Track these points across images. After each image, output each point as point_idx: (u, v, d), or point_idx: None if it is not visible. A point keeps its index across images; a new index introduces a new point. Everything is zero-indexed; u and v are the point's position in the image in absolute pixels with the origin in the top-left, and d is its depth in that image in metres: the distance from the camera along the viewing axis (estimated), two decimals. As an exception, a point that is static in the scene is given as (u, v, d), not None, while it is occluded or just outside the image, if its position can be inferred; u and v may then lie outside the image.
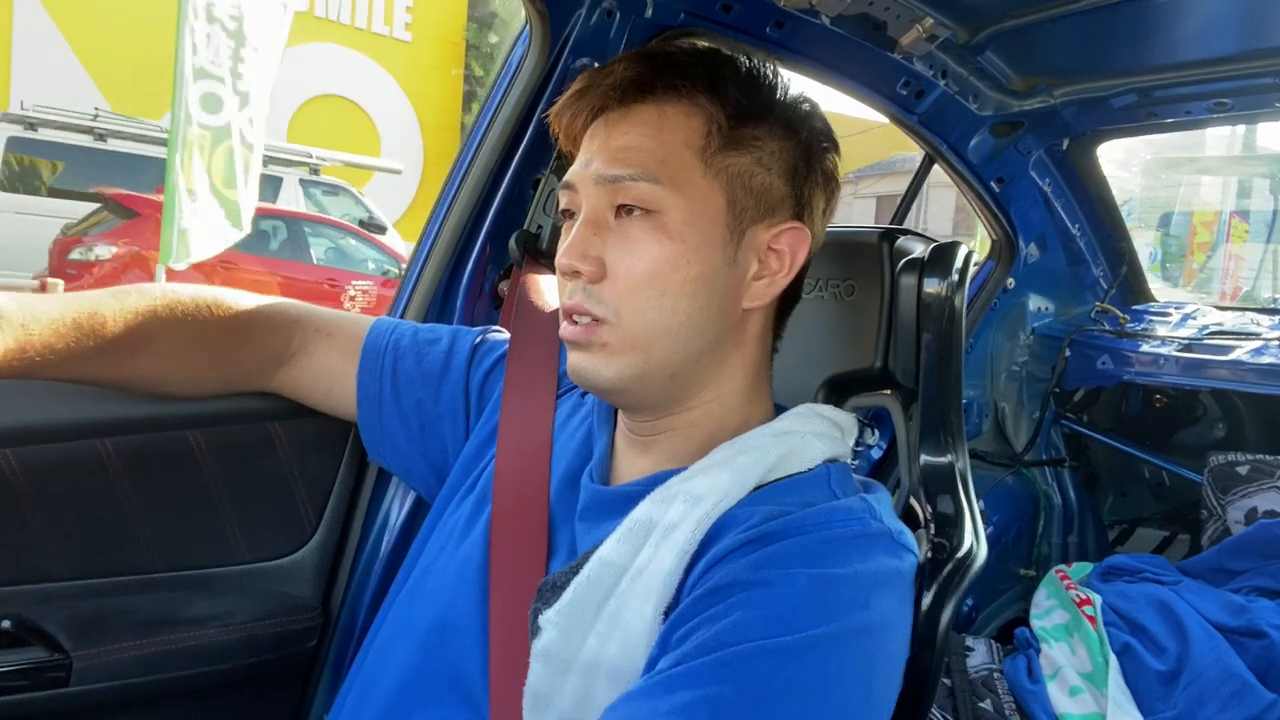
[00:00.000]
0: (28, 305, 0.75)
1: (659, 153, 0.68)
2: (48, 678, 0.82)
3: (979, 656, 1.74)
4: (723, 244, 0.68)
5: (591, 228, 0.68)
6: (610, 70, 0.71)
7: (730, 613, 0.58)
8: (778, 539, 0.62)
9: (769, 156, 0.70)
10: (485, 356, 0.91)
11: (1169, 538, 2.34)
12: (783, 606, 0.58)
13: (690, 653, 0.57)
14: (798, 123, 0.72)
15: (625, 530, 0.66)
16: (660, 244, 0.67)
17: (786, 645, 0.56)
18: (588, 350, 0.69)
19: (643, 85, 0.69)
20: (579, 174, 0.70)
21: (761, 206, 0.70)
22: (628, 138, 0.69)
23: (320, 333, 0.92)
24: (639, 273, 0.67)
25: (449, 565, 0.77)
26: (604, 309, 0.67)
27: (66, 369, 0.78)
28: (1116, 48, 1.40)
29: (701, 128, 0.69)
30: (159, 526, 0.93)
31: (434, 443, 0.90)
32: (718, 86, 0.70)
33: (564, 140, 0.75)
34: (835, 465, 0.72)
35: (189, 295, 0.86)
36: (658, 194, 0.67)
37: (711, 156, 0.69)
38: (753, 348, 0.74)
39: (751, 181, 0.70)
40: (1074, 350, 2.13)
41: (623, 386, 0.69)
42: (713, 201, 0.68)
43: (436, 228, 1.13)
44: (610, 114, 0.71)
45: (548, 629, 0.65)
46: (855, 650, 0.58)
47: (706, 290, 0.68)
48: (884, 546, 0.64)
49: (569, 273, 0.68)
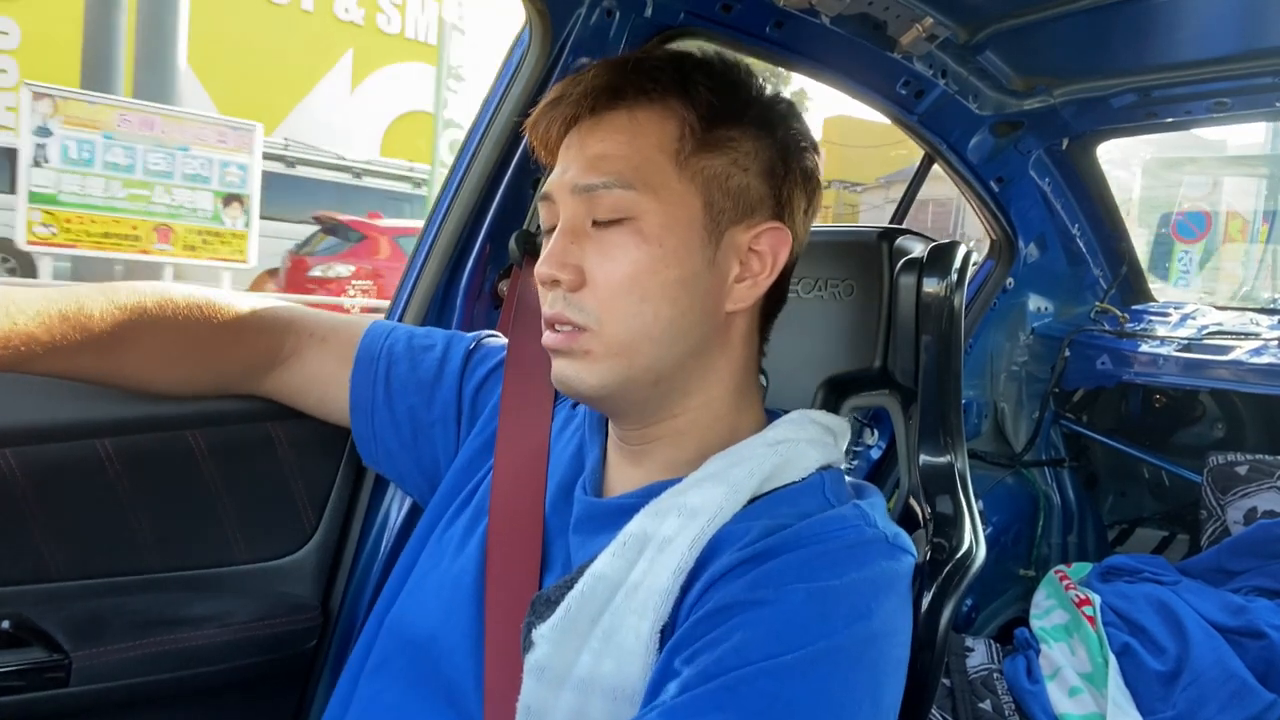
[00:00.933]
0: (12, 296, 0.74)
1: (633, 158, 0.67)
2: (47, 678, 0.82)
3: (978, 657, 1.74)
4: (701, 247, 0.68)
5: (569, 236, 0.68)
6: (581, 79, 0.70)
7: (731, 635, 0.57)
8: (774, 555, 0.61)
9: (745, 157, 0.70)
10: (480, 364, 0.90)
11: (1168, 538, 2.34)
12: (782, 624, 0.57)
13: (693, 680, 0.56)
14: (774, 122, 0.71)
15: (619, 544, 0.66)
16: (638, 249, 0.66)
17: (789, 664, 0.55)
18: (570, 357, 0.68)
19: (614, 91, 0.69)
20: (555, 183, 0.70)
21: (740, 208, 0.69)
22: (602, 145, 0.68)
23: (314, 337, 0.91)
24: (618, 279, 0.66)
25: (444, 579, 0.76)
26: (585, 316, 0.67)
27: (50, 362, 0.77)
28: (1116, 47, 1.40)
29: (674, 131, 0.68)
30: (159, 526, 0.93)
31: (426, 450, 0.90)
32: (689, 89, 0.69)
33: (542, 152, 0.75)
34: (829, 473, 0.71)
35: (181, 294, 0.85)
36: (633, 200, 0.66)
37: (686, 159, 0.68)
38: (738, 352, 0.73)
39: (728, 183, 0.69)
40: (1074, 350, 2.13)
41: (606, 393, 0.69)
42: (689, 204, 0.68)
43: (436, 227, 1.13)
44: (584, 123, 0.70)
45: (541, 644, 0.65)
46: (860, 660, 0.58)
47: (688, 294, 0.67)
48: (880, 551, 0.63)
49: (548, 282, 0.68)
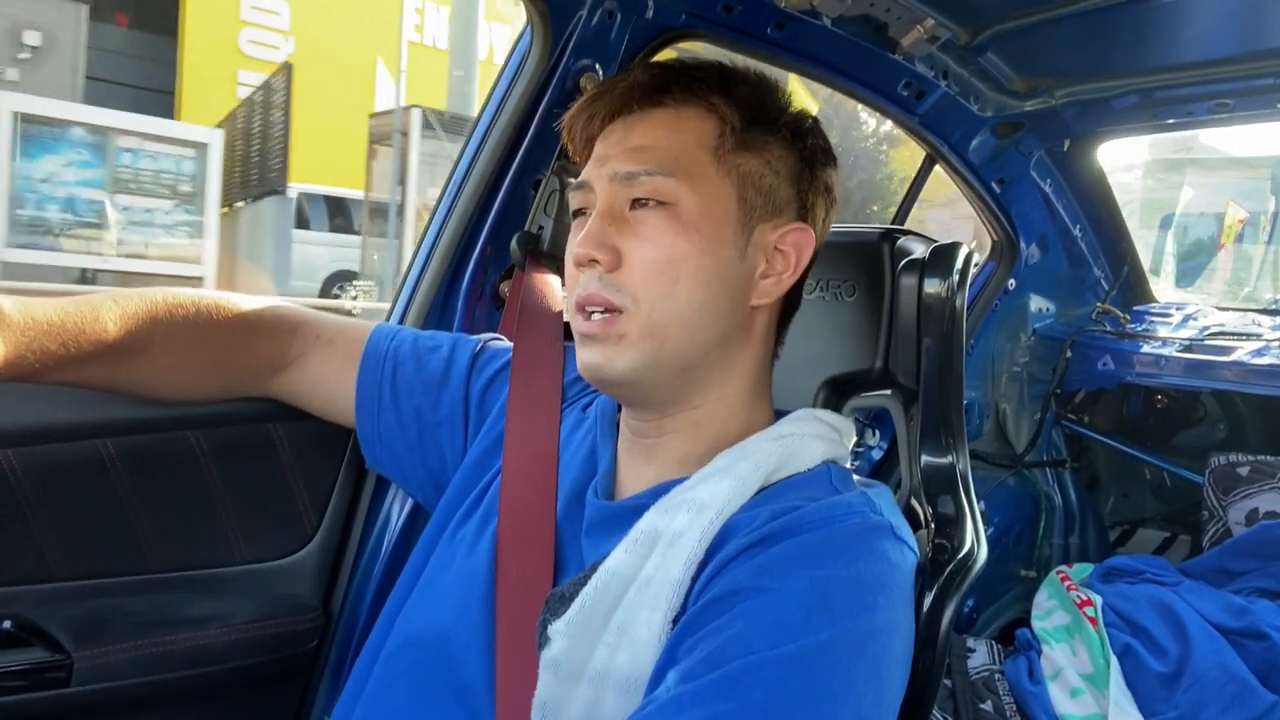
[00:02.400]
0: (27, 308, 0.74)
1: (674, 150, 0.70)
2: (48, 678, 0.82)
3: (980, 658, 1.74)
4: (733, 239, 0.71)
5: (608, 219, 0.70)
6: (624, 77, 0.75)
7: (734, 624, 0.58)
8: (779, 540, 0.61)
9: (777, 161, 0.73)
10: (486, 365, 0.90)
11: (1170, 539, 2.34)
12: (786, 613, 0.57)
13: (697, 668, 0.56)
14: (803, 134, 0.75)
15: (631, 541, 0.67)
16: (675, 234, 0.69)
17: (792, 654, 0.56)
18: (603, 344, 0.69)
19: (659, 88, 0.73)
20: (594, 172, 0.73)
21: (770, 206, 0.73)
22: (644, 138, 0.71)
23: (320, 339, 0.92)
24: (654, 260, 0.68)
25: (454, 579, 0.77)
26: (621, 297, 0.68)
27: (64, 373, 0.78)
28: (1117, 49, 1.40)
29: (714, 129, 0.72)
30: (160, 527, 0.93)
31: (432, 451, 0.90)
32: (731, 91, 0.73)
33: (574, 146, 0.77)
34: (835, 466, 0.72)
35: (189, 299, 0.85)
36: (672, 187, 0.69)
37: (724, 156, 0.71)
38: (757, 348, 0.75)
39: (760, 182, 0.72)
40: (1075, 351, 2.13)
41: (636, 378, 0.70)
42: (725, 197, 0.71)
43: (437, 229, 1.13)
44: (627, 117, 0.73)
45: (556, 639, 0.65)
46: (863, 652, 0.58)
47: (719, 281, 0.70)
48: (885, 539, 0.64)
49: (584, 262, 0.70)
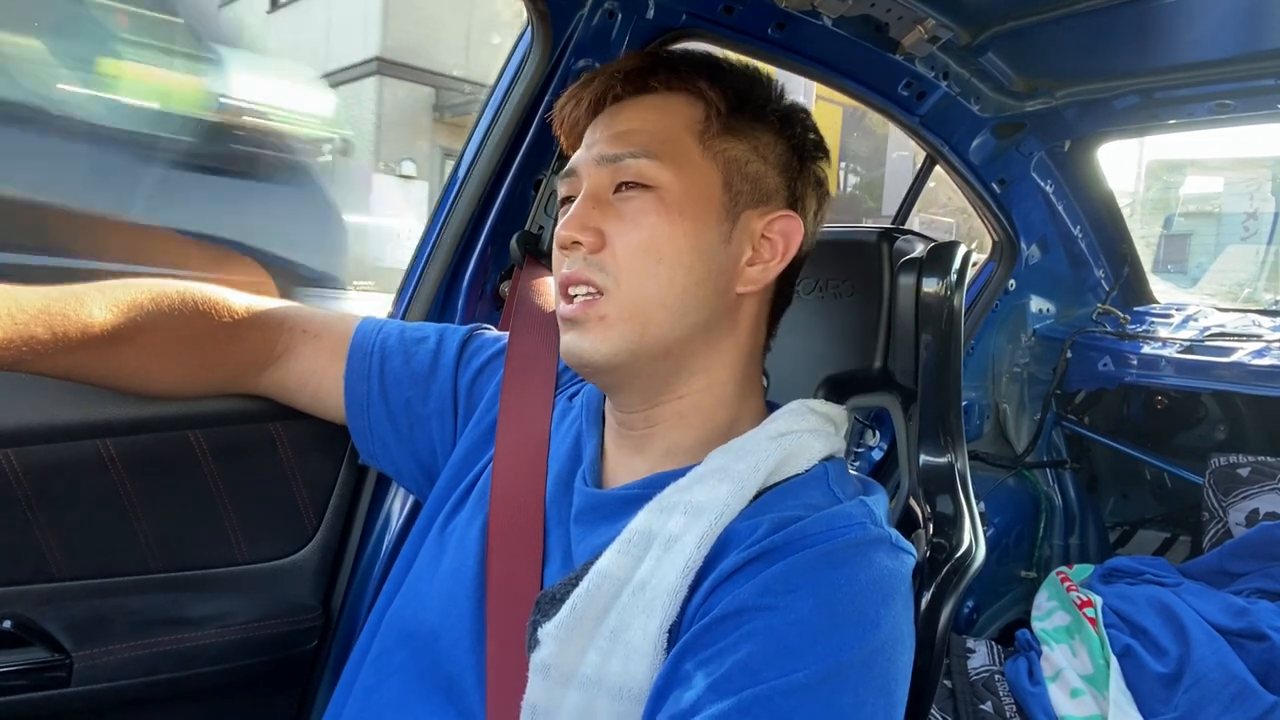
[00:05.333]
0: (13, 295, 0.73)
1: (659, 134, 0.71)
2: (48, 678, 0.82)
3: (980, 658, 1.74)
4: (718, 223, 0.71)
5: (592, 202, 0.70)
6: (612, 64, 0.75)
7: (740, 646, 0.57)
8: (781, 557, 0.61)
9: (764, 148, 0.73)
10: (475, 355, 0.90)
11: (1170, 539, 2.34)
12: (793, 637, 0.57)
13: (705, 697, 0.55)
14: (793, 124, 0.75)
15: (624, 541, 0.66)
16: (658, 216, 0.69)
17: (802, 681, 0.55)
18: (584, 326, 0.69)
19: (645, 73, 0.73)
20: (580, 158, 0.73)
21: (757, 193, 0.73)
22: (630, 123, 0.72)
23: (307, 334, 0.91)
24: (637, 242, 0.68)
25: (444, 573, 0.76)
26: (604, 277, 0.69)
27: (52, 362, 0.76)
28: (1118, 49, 1.40)
29: (700, 113, 0.72)
30: (160, 527, 0.93)
31: (423, 443, 0.89)
32: (718, 77, 0.73)
33: (564, 134, 0.78)
34: (833, 463, 0.72)
35: (176, 291, 0.84)
36: (656, 170, 0.69)
37: (710, 140, 0.71)
38: (745, 337, 0.74)
39: (747, 168, 0.72)
40: (1075, 352, 2.13)
41: (619, 362, 0.69)
42: (709, 180, 0.71)
43: (438, 229, 1.13)
44: (615, 104, 0.74)
45: (546, 642, 0.64)
46: (871, 671, 0.58)
47: (702, 264, 0.69)
48: (885, 551, 0.63)
49: (568, 245, 0.70)
